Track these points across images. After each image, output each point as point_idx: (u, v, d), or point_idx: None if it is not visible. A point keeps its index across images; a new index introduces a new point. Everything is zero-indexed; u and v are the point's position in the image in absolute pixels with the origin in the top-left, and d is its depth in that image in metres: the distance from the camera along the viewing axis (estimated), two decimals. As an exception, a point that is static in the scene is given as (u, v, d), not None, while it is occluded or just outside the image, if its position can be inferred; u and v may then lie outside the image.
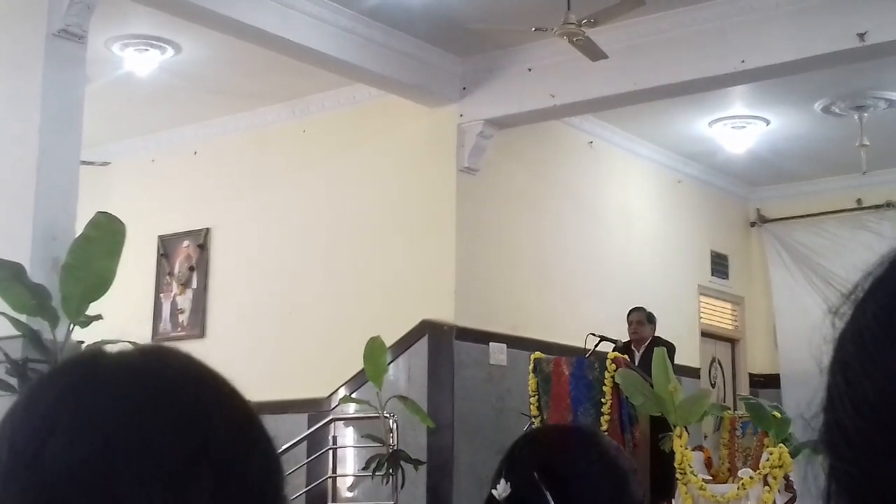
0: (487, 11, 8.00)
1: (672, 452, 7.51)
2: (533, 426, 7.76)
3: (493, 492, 1.56)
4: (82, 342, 6.40)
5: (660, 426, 7.70)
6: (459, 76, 9.14)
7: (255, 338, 9.58)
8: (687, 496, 7.50)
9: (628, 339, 8.92)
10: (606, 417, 7.74)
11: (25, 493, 0.77)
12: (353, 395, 8.80)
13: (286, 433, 8.42)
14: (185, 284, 10.46)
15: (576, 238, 10.13)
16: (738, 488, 7.49)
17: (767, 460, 7.48)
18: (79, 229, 6.41)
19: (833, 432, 0.68)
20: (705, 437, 9.36)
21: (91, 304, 6.30)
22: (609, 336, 8.63)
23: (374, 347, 8.10)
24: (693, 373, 11.10)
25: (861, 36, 7.48)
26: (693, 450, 7.85)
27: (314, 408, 9.25)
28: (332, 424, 9.11)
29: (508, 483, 1.55)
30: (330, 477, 9.10)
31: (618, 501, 1.58)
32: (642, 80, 8.39)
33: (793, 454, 7.56)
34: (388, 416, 8.29)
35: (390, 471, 8.08)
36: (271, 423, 0.87)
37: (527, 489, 1.54)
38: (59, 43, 6.64)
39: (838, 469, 0.67)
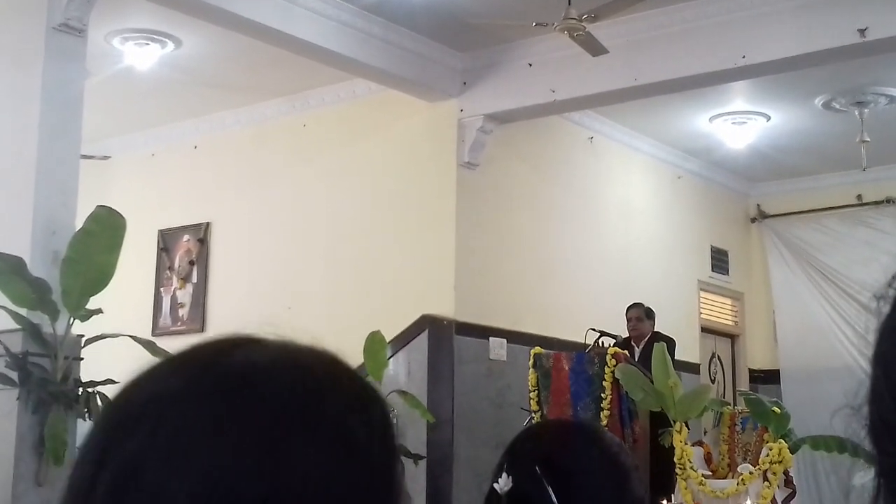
0: (488, 6, 7.99)
1: (672, 448, 7.51)
2: (533, 421, 7.76)
3: (495, 485, 1.56)
4: (82, 336, 6.41)
5: (659, 421, 7.71)
6: (460, 71, 9.14)
7: (256, 332, 9.55)
8: (686, 491, 7.50)
9: (628, 334, 8.93)
10: (606, 413, 7.74)
11: None
12: (353, 390, 8.79)
13: (286, 428, 8.41)
14: (186, 279, 10.46)
15: (576, 233, 10.13)
16: (737, 484, 7.50)
17: (767, 456, 7.48)
18: (79, 223, 6.41)
19: (877, 426, 0.67)
20: (705, 432, 9.36)
21: (91, 298, 6.30)
22: (609, 331, 8.63)
23: (373, 342, 8.10)
24: (693, 368, 11.10)
25: (862, 32, 7.48)
26: (693, 445, 7.85)
27: (314, 402, 9.24)
28: (332, 419, 9.11)
29: (510, 477, 1.55)
30: (329, 471, 9.10)
31: (619, 497, 1.59)
32: (643, 76, 8.38)
33: (792, 450, 7.56)
34: (387, 410, 8.29)
35: (390, 465, 8.08)
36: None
37: (528, 483, 1.55)
38: (59, 37, 6.63)
39: (884, 463, 0.66)
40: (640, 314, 8.97)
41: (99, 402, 6.24)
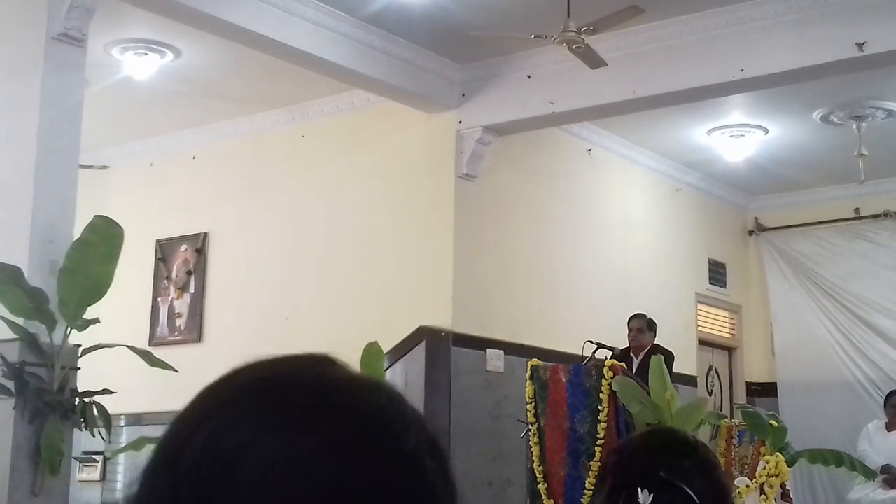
0: (487, 18, 8.01)
1: (669, 460, 7.49)
2: (530, 433, 7.76)
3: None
4: (79, 346, 6.40)
5: (656, 434, 7.69)
6: (458, 83, 9.15)
7: (253, 343, 9.55)
8: (683, 504, 7.48)
9: (627, 345, 8.91)
10: (603, 425, 7.72)
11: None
12: (350, 401, 8.78)
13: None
14: (183, 289, 10.45)
15: (574, 245, 10.13)
16: (734, 497, 7.49)
17: (764, 469, 7.47)
18: (77, 233, 6.41)
19: None
20: (702, 445, 9.34)
21: (88, 308, 6.29)
22: (607, 343, 8.62)
23: (371, 353, 8.08)
24: (690, 381, 11.09)
25: (860, 46, 7.49)
26: (690, 458, 7.83)
27: (311, 413, 9.22)
28: (329, 430, 9.08)
29: (649, 493, 1.71)
30: (326, 483, 9.07)
31: (716, 484, 1.81)
32: (641, 88, 8.40)
33: (789, 463, 7.55)
34: (384, 422, 8.27)
35: (387, 477, 8.05)
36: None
37: (668, 494, 1.71)
38: (59, 47, 6.64)
39: None
40: (641, 325, 8.95)
41: (95, 412, 6.24)
